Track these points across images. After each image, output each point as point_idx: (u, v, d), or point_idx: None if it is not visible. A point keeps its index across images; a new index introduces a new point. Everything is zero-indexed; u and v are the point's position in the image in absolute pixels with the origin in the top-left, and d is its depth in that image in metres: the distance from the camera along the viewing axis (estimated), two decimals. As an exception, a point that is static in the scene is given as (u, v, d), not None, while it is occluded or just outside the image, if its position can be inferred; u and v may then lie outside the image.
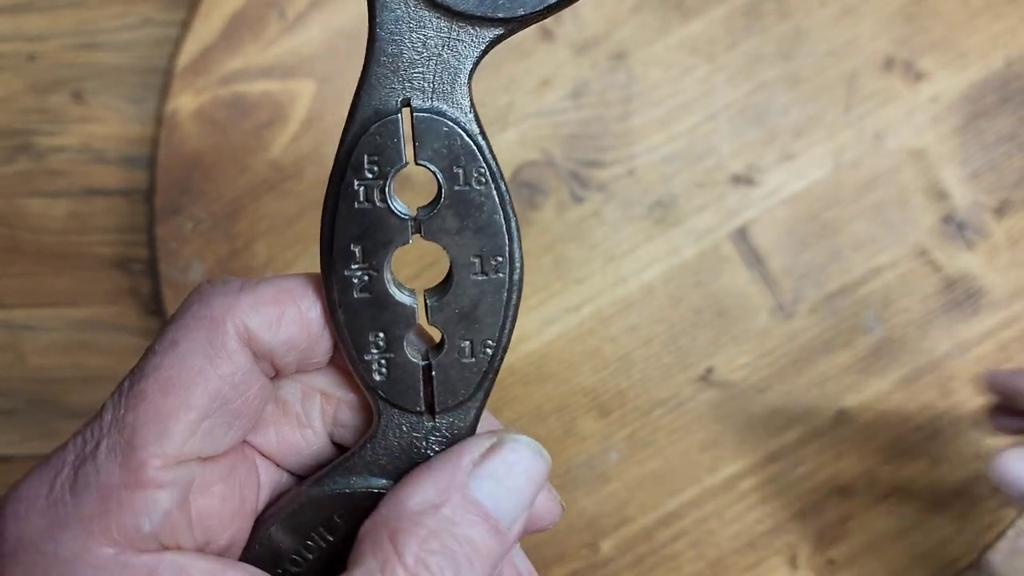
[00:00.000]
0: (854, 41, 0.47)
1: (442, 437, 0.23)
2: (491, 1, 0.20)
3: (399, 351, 0.22)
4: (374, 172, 0.21)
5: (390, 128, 0.21)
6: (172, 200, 0.48)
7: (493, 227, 0.22)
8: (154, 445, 0.20)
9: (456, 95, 0.21)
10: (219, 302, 0.21)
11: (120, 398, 0.21)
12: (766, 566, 0.45)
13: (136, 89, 0.49)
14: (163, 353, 0.21)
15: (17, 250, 0.49)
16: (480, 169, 0.21)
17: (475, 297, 0.22)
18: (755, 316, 0.46)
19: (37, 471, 0.21)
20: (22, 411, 0.49)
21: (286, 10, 0.48)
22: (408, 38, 0.21)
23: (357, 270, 0.22)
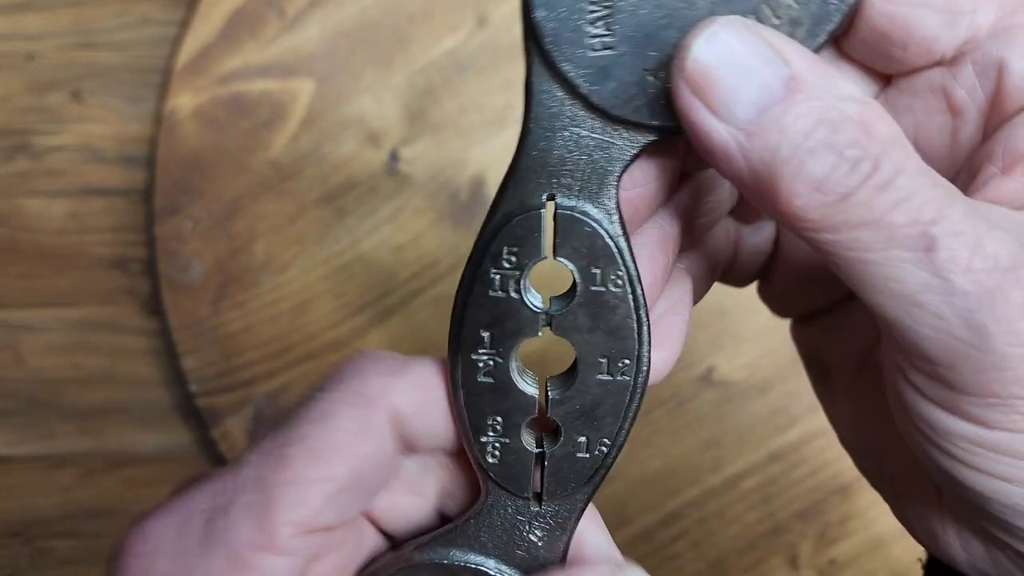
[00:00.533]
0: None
1: (546, 524, 0.23)
2: (648, 109, 0.20)
3: (515, 438, 0.22)
4: (512, 263, 0.21)
5: (533, 222, 0.21)
6: (171, 200, 0.47)
7: (624, 330, 0.22)
8: (290, 512, 0.20)
9: (602, 196, 0.21)
10: (375, 381, 0.22)
11: (264, 458, 0.21)
12: (767, 566, 0.45)
13: (135, 88, 0.49)
14: (313, 422, 0.21)
15: (15, 250, 0.49)
16: (618, 272, 0.21)
17: (597, 397, 0.22)
18: (756, 316, 0.46)
19: (165, 512, 0.21)
20: (20, 411, 0.49)
21: (285, 9, 0.47)
22: (561, 135, 0.21)
23: (484, 355, 0.22)
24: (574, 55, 0.20)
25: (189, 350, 0.47)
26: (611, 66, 0.20)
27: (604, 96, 0.20)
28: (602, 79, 0.20)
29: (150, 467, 0.49)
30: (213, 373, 0.47)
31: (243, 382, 0.47)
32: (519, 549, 0.23)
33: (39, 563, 0.49)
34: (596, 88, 0.20)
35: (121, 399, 0.49)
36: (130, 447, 0.49)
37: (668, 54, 0.19)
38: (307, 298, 0.47)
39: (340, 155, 0.47)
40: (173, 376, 0.48)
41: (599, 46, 0.20)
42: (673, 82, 0.19)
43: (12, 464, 0.49)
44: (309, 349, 0.47)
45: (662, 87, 0.20)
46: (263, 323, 0.47)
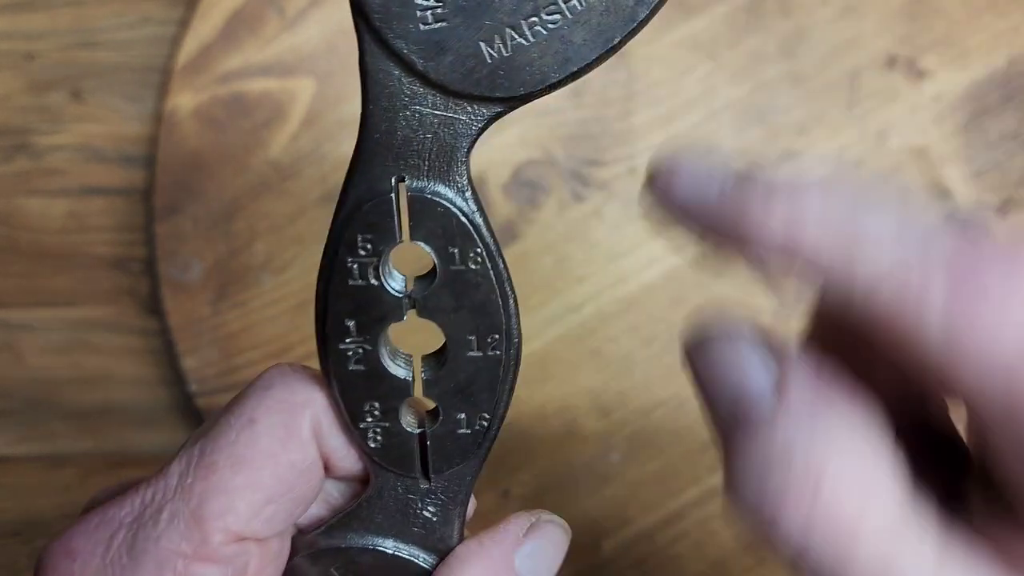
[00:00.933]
0: (856, 39, 0.47)
1: (438, 499, 0.23)
2: (488, 81, 0.19)
3: (394, 421, 0.22)
4: (367, 250, 0.21)
5: (384, 207, 0.21)
6: (171, 199, 0.47)
7: (490, 306, 0.21)
8: (219, 520, 0.20)
9: (452, 173, 0.20)
10: (301, 390, 0.22)
11: (188, 466, 0.21)
12: (768, 567, 0.45)
13: (135, 88, 0.49)
14: (239, 429, 0.21)
15: (15, 250, 0.49)
16: (476, 249, 0.21)
17: (471, 374, 0.22)
18: (756, 316, 0.46)
19: (88, 526, 0.21)
20: (20, 411, 0.49)
21: (286, 8, 0.47)
22: (403, 115, 0.20)
23: (351, 343, 0.22)
24: (406, 30, 0.19)
25: (189, 350, 0.47)
26: (445, 39, 0.19)
27: (442, 71, 0.19)
28: (438, 53, 0.19)
29: (150, 467, 0.49)
30: (213, 373, 0.47)
31: (243, 382, 0.47)
32: (415, 526, 0.23)
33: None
34: (432, 64, 0.19)
35: (121, 399, 0.49)
36: (130, 447, 0.49)
37: (502, 21, 0.19)
38: (307, 298, 0.47)
39: (340, 155, 0.47)
40: (173, 376, 0.48)
41: (431, 19, 0.19)
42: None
43: (11, 464, 0.49)
44: (309, 349, 0.47)
45: (500, 56, 0.19)
46: (263, 323, 0.47)
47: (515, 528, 0.24)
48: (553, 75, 0.19)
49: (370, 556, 0.23)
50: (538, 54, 0.19)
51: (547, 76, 0.19)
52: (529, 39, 0.19)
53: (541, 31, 0.19)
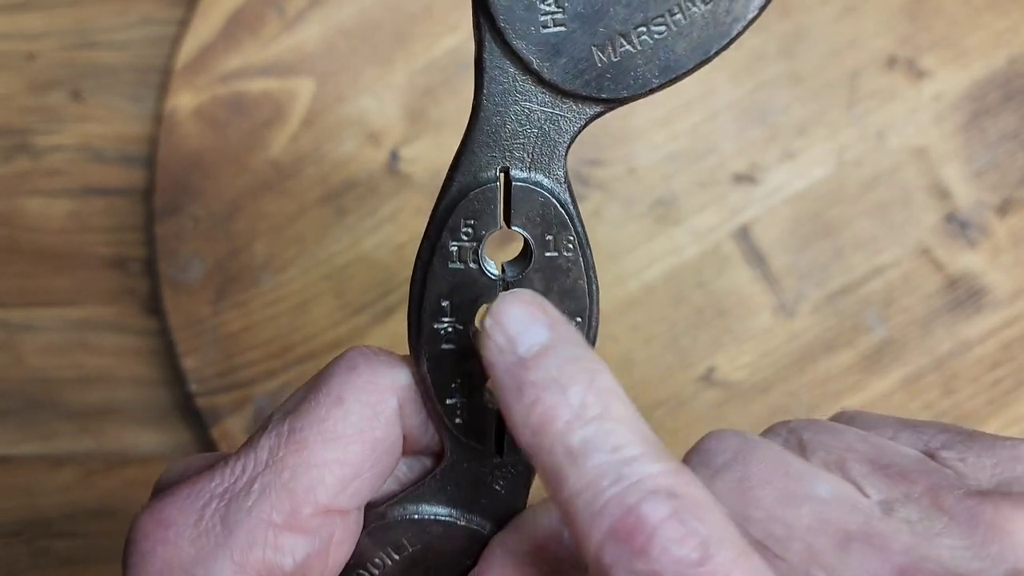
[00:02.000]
0: (856, 39, 0.47)
1: (508, 473, 0.25)
2: (596, 82, 0.21)
3: (478, 398, 0.24)
4: (469, 235, 0.22)
5: (488, 196, 0.22)
6: (171, 199, 0.47)
7: (577, 291, 0.23)
8: (309, 492, 0.21)
9: (553, 167, 0.22)
10: (385, 372, 0.23)
11: (280, 440, 0.22)
12: (768, 566, 0.45)
13: (135, 88, 0.49)
14: (328, 406, 0.22)
15: (15, 250, 0.49)
16: (570, 238, 0.22)
17: None
18: (757, 315, 0.46)
19: (179, 496, 0.22)
20: (20, 411, 0.49)
21: (286, 8, 0.47)
22: (512, 110, 0.22)
23: (446, 322, 0.23)
24: (527, 32, 0.20)
25: (189, 350, 0.47)
26: (562, 42, 0.21)
27: (555, 72, 0.21)
28: (553, 55, 0.21)
29: (150, 467, 0.49)
30: (213, 373, 0.47)
31: (243, 382, 0.47)
32: (484, 498, 0.25)
33: (39, 563, 0.49)
34: (548, 64, 0.21)
35: (121, 399, 0.49)
36: (130, 447, 0.49)
37: (615, 29, 0.21)
38: (307, 298, 0.47)
39: (340, 155, 0.47)
40: (173, 376, 0.48)
41: (551, 24, 0.20)
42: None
43: (12, 464, 0.49)
44: (309, 349, 0.47)
45: (609, 61, 0.21)
46: (263, 323, 0.47)
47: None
48: (655, 80, 0.21)
49: (440, 527, 0.25)
50: (643, 61, 0.21)
51: (649, 81, 0.21)
52: (637, 47, 0.21)
53: (648, 40, 0.21)
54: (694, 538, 0.17)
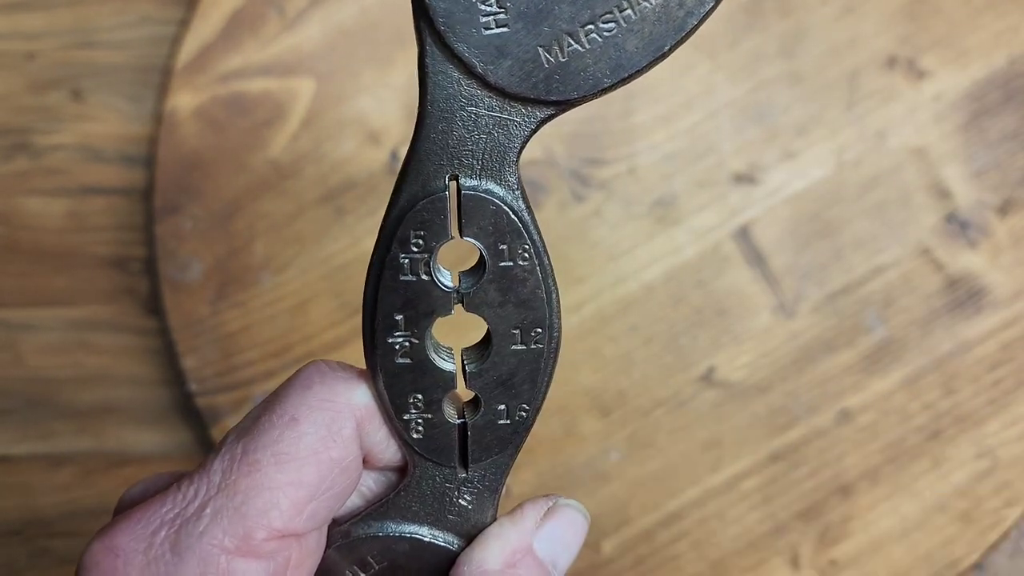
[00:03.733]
0: (856, 39, 0.47)
1: (474, 488, 0.24)
2: (544, 84, 0.20)
3: (436, 412, 0.23)
4: (419, 246, 0.22)
5: (438, 205, 0.21)
6: (171, 199, 0.47)
7: (535, 301, 0.22)
8: (262, 516, 0.21)
9: (504, 173, 0.21)
10: (342, 389, 0.23)
11: (232, 463, 0.21)
12: (768, 566, 0.45)
13: (135, 88, 0.49)
14: (282, 427, 0.22)
15: (14, 249, 0.49)
16: (525, 246, 0.22)
17: (513, 366, 0.23)
18: (756, 315, 0.46)
19: (130, 522, 0.21)
20: (19, 411, 0.49)
21: (286, 8, 0.47)
22: (459, 116, 0.21)
23: (400, 337, 0.22)
24: (468, 35, 0.20)
25: (188, 349, 0.47)
26: (506, 44, 0.20)
27: (501, 75, 0.20)
28: (497, 58, 0.20)
29: (150, 466, 0.49)
30: (212, 372, 0.47)
31: (243, 382, 0.47)
32: (450, 514, 0.24)
33: (38, 563, 0.49)
34: (492, 67, 0.20)
35: (120, 398, 0.49)
36: (129, 447, 0.49)
37: (561, 28, 0.20)
38: (307, 297, 0.47)
39: (340, 154, 0.47)
40: (172, 376, 0.48)
41: (493, 25, 0.20)
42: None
43: (11, 463, 0.49)
44: (309, 349, 0.47)
45: (556, 62, 0.20)
46: (263, 322, 0.47)
47: (532, 512, 0.24)
48: (606, 80, 0.20)
49: (406, 543, 0.24)
50: (592, 60, 0.20)
51: (600, 81, 0.20)
52: (585, 46, 0.20)
53: (597, 38, 0.20)
54: None
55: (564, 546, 0.25)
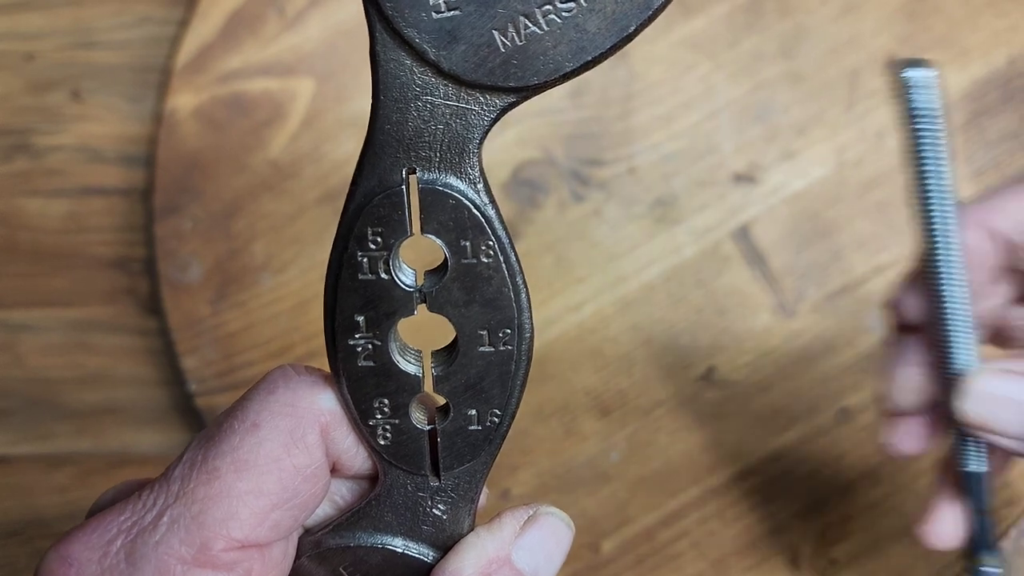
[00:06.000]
0: (856, 39, 0.47)
1: (447, 497, 0.23)
2: (502, 70, 0.19)
3: (404, 418, 0.22)
4: (378, 244, 0.20)
5: (394, 200, 0.20)
6: (171, 199, 0.47)
7: (501, 300, 0.21)
8: (221, 526, 0.20)
9: (464, 165, 0.20)
10: (305, 393, 0.22)
11: (191, 470, 0.21)
12: (768, 566, 0.45)
13: (134, 88, 0.49)
14: (243, 434, 0.21)
15: (14, 250, 0.49)
16: (488, 242, 0.20)
17: (482, 369, 0.22)
18: (756, 315, 0.46)
19: (86, 532, 0.21)
20: (19, 411, 0.49)
21: (285, 8, 0.47)
22: (414, 106, 0.19)
23: (361, 339, 0.21)
24: (418, 19, 0.18)
25: (188, 350, 0.47)
26: (458, 27, 0.18)
27: (454, 61, 0.19)
28: (450, 42, 0.19)
29: (149, 467, 0.49)
30: (212, 373, 0.47)
31: (242, 382, 0.47)
32: (424, 524, 0.23)
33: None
34: (445, 53, 0.19)
35: (120, 399, 0.49)
36: (129, 447, 0.49)
37: (515, 9, 0.18)
38: (307, 298, 0.47)
39: (340, 154, 0.47)
40: (172, 376, 0.48)
41: (443, 7, 0.18)
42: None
43: (11, 464, 0.49)
44: (309, 349, 0.47)
45: (513, 45, 0.19)
46: (263, 323, 0.47)
47: (511, 521, 0.23)
48: (568, 64, 0.19)
49: (379, 555, 0.23)
50: (552, 43, 0.19)
51: (561, 65, 0.19)
52: (543, 27, 0.19)
53: (555, 19, 0.19)
54: None
55: (546, 557, 0.23)
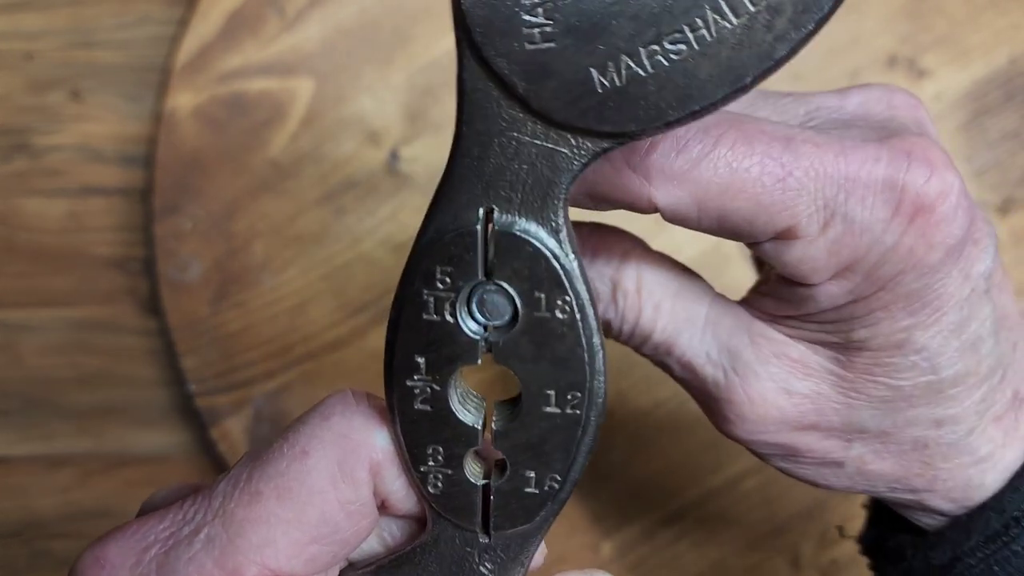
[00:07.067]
0: (857, 38, 0.47)
1: (496, 558, 0.22)
2: (596, 112, 0.17)
3: (457, 469, 0.21)
4: (446, 284, 0.19)
5: (467, 240, 0.19)
6: (170, 199, 0.47)
7: (574, 361, 0.20)
8: (256, 552, 0.19)
9: (547, 211, 0.18)
10: (362, 425, 0.20)
11: (234, 489, 0.20)
12: (769, 566, 0.45)
13: (134, 88, 0.49)
14: (291, 459, 0.20)
15: (14, 250, 0.49)
16: (565, 297, 0.19)
17: (545, 430, 0.20)
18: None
19: (124, 535, 0.20)
20: (19, 411, 0.49)
21: (285, 7, 0.47)
22: (497, 141, 0.18)
23: (419, 381, 0.20)
24: (509, 48, 0.17)
25: (188, 350, 0.47)
26: (552, 62, 0.17)
27: (545, 98, 0.17)
28: (541, 77, 0.17)
29: (149, 467, 0.49)
30: (212, 373, 0.47)
31: (242, 382, 0.47)
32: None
33: (38, 564, 0.49)
34: (535, 88, 0.17)
35: (120, 399, 0.49)
36: (129, 447, 0.49)
37: (618, 47, 0.17)
38: (307, 298, 0.47)
39: (340, 154, 0.47)
40: (172, 376, 0.48)
41: (538, 38, 0.17)
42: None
43: (10, 464, 0.49)
44: (309, 349, 0.47)
45: (611, 86, 0.17)
46: (262, 323, 0.47)
47: None
48: (671, 113, 0.17)
49: None
50: (656, 87, 0.17)
51: (664, 113, 0.17)
52: (647, 69, 0.17)
53: (662, 61, 0.17)
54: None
55: None
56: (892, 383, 0.24)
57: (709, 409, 0.26)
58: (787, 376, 0.24)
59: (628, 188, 0.21)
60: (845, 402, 0.24)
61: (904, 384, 0.24)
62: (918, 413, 0.24)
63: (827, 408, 0.24)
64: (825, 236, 0.21)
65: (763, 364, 0.24)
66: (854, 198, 0.21)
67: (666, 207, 0.21)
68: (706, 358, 0.25)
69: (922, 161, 0.22)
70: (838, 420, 0.24)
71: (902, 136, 0.22)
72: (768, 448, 0.25)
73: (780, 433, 0.25)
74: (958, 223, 0.22)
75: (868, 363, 0.23)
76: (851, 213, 0.21)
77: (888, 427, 0.24)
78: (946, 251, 0.22)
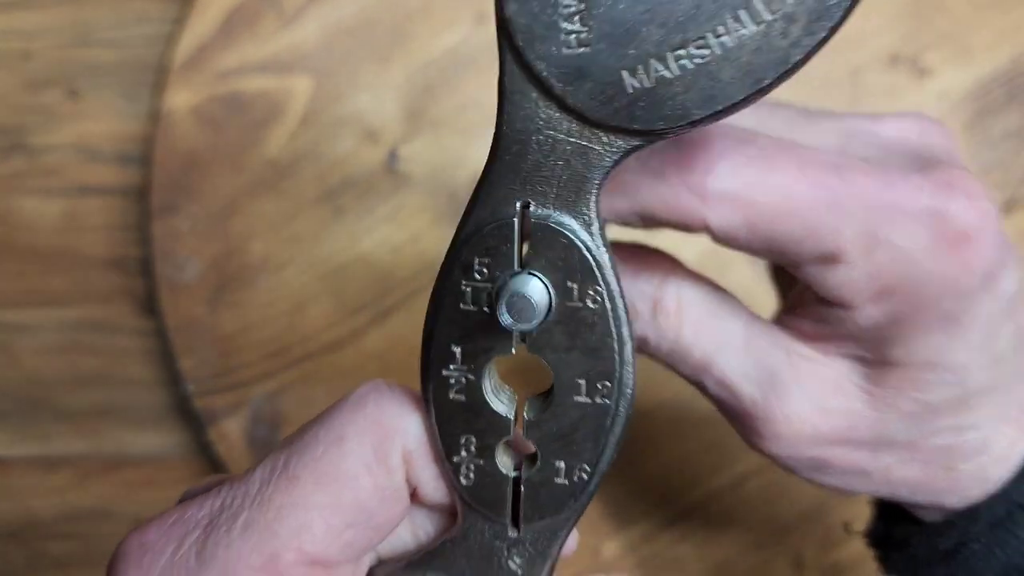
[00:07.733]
0: (859, 37, 0.47)
1: (525, 550, 0.22)
2: (627, 111, 0.19)
3: (489, 460, 0.21)
4: (483, 275, 0.20)
5: (505, 231, 0.20)
6: (168, 198, 0.47)
7: (604, 350, 0.21)
8: (293, 537, 0.20)
9: (580, 205, 0.20)
10: (395, 412, 0.21)
11: (271, 475, 0.20)
12: (771, 567, 0.45)
13: (131, 86, 0.49)
14: (327, 444, 0.21)
15: (10, 249, 0.48)
16: (597, 287, 0.20)
17: (575, 420, 0.21)
18: (759, 315, 0.46)
19: (167, 522, 0.21)
20: (15, 412, 0.49)
21: (283, 5, 0.47)
22: (535, 139, 0.19)
23: (455, 371, 0.21)
24: (548, 53, 0.19)
25: (186, 350, 0.47)
26: (587, 65, 0.19)
27: (580, 97, 0.19)
28: (578, 79, 0.19)
29: (146, 468, 0.49)
30: (210, 373, 0.47)
31: (240, 383, 0.47)
32: (498, 575, 0.22)
33: (35, 565, 0.49)
34: (571, 89, 0.19)
35: (117, 400, 0.48)
36: (126, 448, 0.49)
37: (648, 51, 0.18)
38: (305, 298, 0.47)
39: (338, 153, 0.47)
40: (169, 376, 0.48)
41: (575, 43, 0.18)
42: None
43: (7, 465, 0.49)
44: (307, 349, 0.46)
45: (641, 87, 0.19)
46: (260, 323, 0.47)
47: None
48: (696, 112, 0.19)
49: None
50: (682, 88, 0.19)
51: (689, 112, 0.19)
52: (674, 72, 0.18)
53: (687, 65, 0.18)
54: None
55: None
56: (922, 398, 0.25)
57: (743, 425, 0.26)
58: (822, 394, 0.25)
59: (684, 209, 0.23)
60: (876, 417, 0.25)
61: (933, 399, 0.25)
62: (944, 423, 0.25)
63: (859, 423, 0.25)
64: (868, 261, 0.22)
65: (799, 383, 0.25)
66: (898, 225, 0.22)
67: (719, 228, 0.23)
68: (743, 377, 0.25)
69: (963, 192, 0.23)
70: (868, 434, 0.25)
71: (941, 167, 0.23)
72: (799, 462, 0.26)
73: (813, 448, 0.25)
74: (995, 250, 0.23)
75: (900, 379, 0.24)
76: (894, 239, 0.22)
77: (915, 437, 0.25)
78: (983, 276, 0.23)
